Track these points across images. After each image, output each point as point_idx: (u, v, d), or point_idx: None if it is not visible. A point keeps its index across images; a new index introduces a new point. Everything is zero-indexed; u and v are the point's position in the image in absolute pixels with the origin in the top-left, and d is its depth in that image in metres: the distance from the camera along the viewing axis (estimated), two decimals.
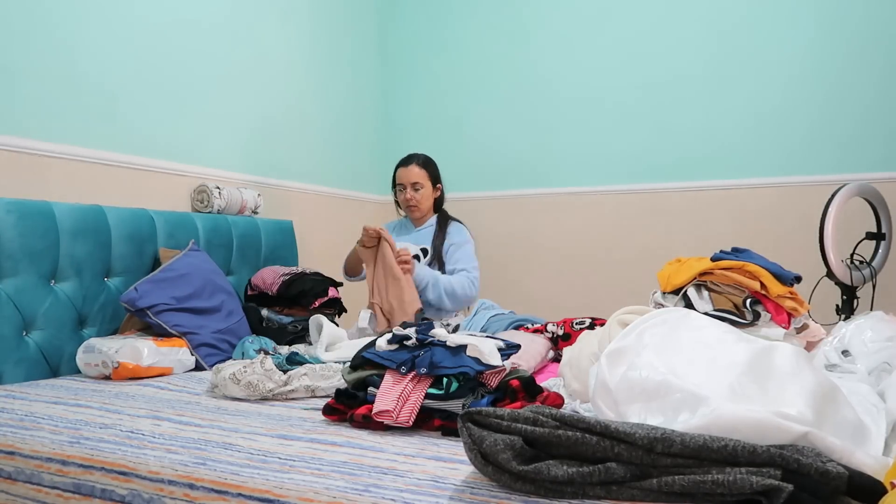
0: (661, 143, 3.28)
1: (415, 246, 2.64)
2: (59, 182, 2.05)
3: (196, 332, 2.02)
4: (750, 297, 1.58)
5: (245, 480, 1.04)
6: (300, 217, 3.14)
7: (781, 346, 1.07)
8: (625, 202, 3.37)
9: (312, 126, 3.32)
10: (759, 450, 0.82)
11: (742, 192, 3.14)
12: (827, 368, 1.37)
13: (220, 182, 2.65)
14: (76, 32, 2.11)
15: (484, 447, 0.91)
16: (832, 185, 2.50)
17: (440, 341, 1.37)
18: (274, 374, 1.56)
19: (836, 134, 2.98)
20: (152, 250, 2.22)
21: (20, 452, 1.25)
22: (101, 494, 1.14)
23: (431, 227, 2.71)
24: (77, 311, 1.97)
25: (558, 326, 1.93)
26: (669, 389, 0.98)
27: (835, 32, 2.97)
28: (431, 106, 3.81)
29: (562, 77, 3.48)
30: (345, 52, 3.60)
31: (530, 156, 3.55)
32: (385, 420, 1.25)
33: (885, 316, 1.53)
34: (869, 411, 1.07)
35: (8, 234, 1.78)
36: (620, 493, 0.87)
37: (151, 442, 1.22)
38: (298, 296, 2.43)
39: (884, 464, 0.87)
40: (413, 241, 2.67)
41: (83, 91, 2.14)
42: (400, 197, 2.70)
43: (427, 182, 2.68)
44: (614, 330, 1.38)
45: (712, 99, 3.18)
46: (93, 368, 1.81)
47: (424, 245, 2.65)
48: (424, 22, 3.82)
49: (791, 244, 2.92)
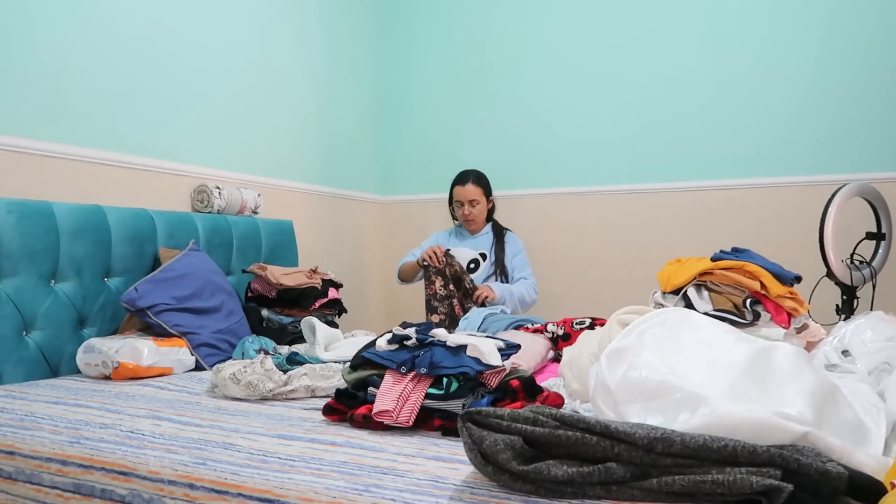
0: (661, 143, 3.28)
1: (473, 251, 3.01)
2: (59, 182, 2.05)
3: (196, 332, 2.02)
4: (750, 297, 1.58)
5: (245, 480, 1.04)
6: (300, 217, 3.14)
7: (781, 346, 1.07)
8: (625, 202, 3.36)
9: (312, 126, 3.32)
10: (759, 450, 0.82)
11: (742, 192, 3.14)
12: (827, 368, 1.36)
13: (220, 182, 2.65)
14: (76, 32, 2.11)
15: (484, 447, 0.91)
16: (832, 185, 2.50)
17: (440, 341, 1.37)
18: (274, 374, 1.56)
19: (837, 134, 2.98)
20: (152, 250, 2.22)
21: (20, 452, 1.25)
22: (101, 494, 1.14)
23: (486, 235, 3.07)
24: (77, 311, 1.97)
25: (558, 326, 1.93)
26: (669, 389, 0.98)
27: (835, 33, 2.97)
28: (431, 106, 3.80)
29: (562, 77, 3.48)
30: (345, 52, 3.60)
31: (530, 156, 3.55)
32: (385, 420, 1.25)
33: (885, 316, 1.53)
34: (869, 411, 1.07)
35: (8, 234, 1.78)
36: (620, 493, 0.87)
37: (151, 442, 1.22)
38: (299, 296, 2.43)
39: (884, 464, 0.87)
40: (471, 247, 3.03)
41: (83, 91, 2.14)
42: (458, 212, 3.06)
43: (482, 198, 3.02)
44: (614, 330, 1.38)
45: (712, 99, 3.18)
46: (93, 368, 1.81)
47: (483, 250, 3.02)
48: (424, 22, 3.82)
49: (791, 244, 2.92)
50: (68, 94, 2.09)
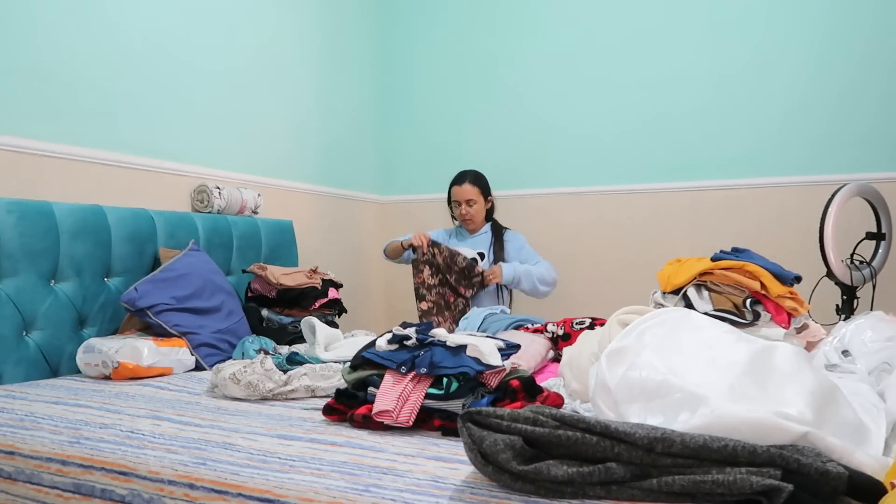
0: (661, 143, 3.28)
1: (472, 250, 2.98)
2: (59, 182, 2.05)
3: (196, 332, 2.02)
4: (750, 297, 1.58)
5: (245, 480, 1.04)
6: (300, 217, 3.14)
7: (781, 346, 1.07)
8: (625, 202, 3.36)
9: (312, 126, 3.32)
10: (759, 450, 0.82)
11: (742, 192, 3.14)
12: (827, 368, 1.36)
13: (220, 182, 2.65)
14: (76, 32, 2.11)
15: (484, 447, 0.91)
16: (832, 185, 2.50)
17: (440, 341, 1.37)
18: (274, 374, 1.56)
19: (837, 134, 2.98)
20: (152, 250, 2.22)
21: (20, 452, 1.25)
22: (101, 494, 1.15)
23: (485, 234, 3.06)
24: (77, 311, 1.97)
25: (558, 326, 1.93)
26: (669, 389, 0.98)
27: (836, 33, 2.97)
28: (431, 106, 3.80)
29: (562, 77, 3.48)
30: (345, 52, 3.60)
31: (530, 155, 3.55)
32: (385, 420, 1.25)
33: (885, 316, 1.53)
34: (869, 411, 1.07)
35: (8, 234, 1.78)
36: (620, 493, 0.87)
37: (151, 442, 1.22)
38: (299, 296, 2.43)
39: (884, 464, 0.87)
40: (470, 247, 3.01)
41: (83, 91, 2.14)
42: (456, 212, 3.05)
43: (479, 197, 3.00)
44: (614, 330, 1.38)
45: (713, 99, 3.18)
46: (93, 368, 1.81)
47: (481, 250, 2.99)
48: (424, 22, 3.81)
49: (791, 244, 2.92)
50: (68, 94, 2.09)
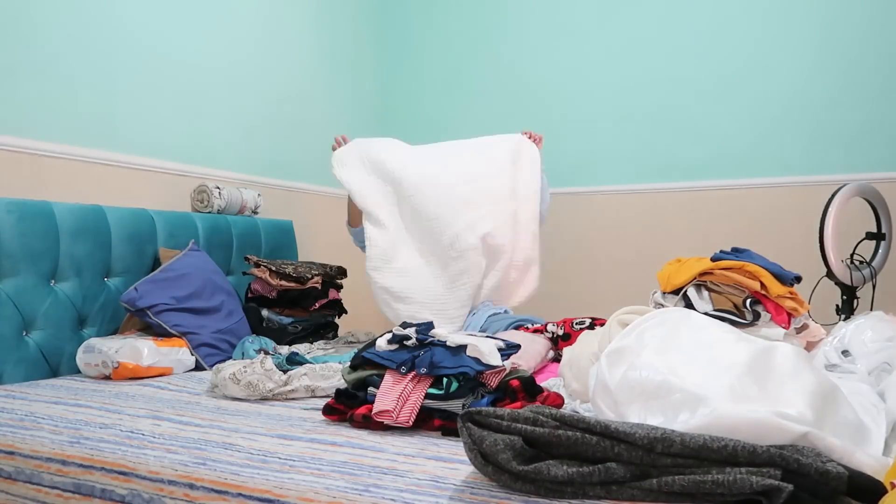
0: (661, 143, 3.28)
1: None
2: (59, 182, 2.05)
3: (196, 332, 2.02)
4: (750, 297, 1.58)
5: (245, 480, 1.04)
6: (300, 217, 3.14)
7: (781, 346, 1.07)
8: (625, 202, 3.36)
9: (312, 125, 3.32)
10: (759, 450, 0.82)
11: (742, 192, 3.14)
12: (827, 368, 1.36)
13: (220, 182, 2.65)
14: (76, 32, 2.11)
15: (484, 447, 0.91)
16: (832, 185, 2.49)
17: (440, 341, 1.37)
18: (274, 374, 1.56)
19: (837, 134, 2.98)
20: (152, 250, 2.22)
21: (20, 452, 1.25)
22: (101, 494, 1.15)
23: None
24: (77, 311, 1.97)
25: (558, 326, 1.93)
26: (669, 389, 0.98)
27: (836, 33, 2.97)
28: (431, 106, 3.80)
29: (562, 77, 3.48)
30: (345, 52, 3.60)
31: None
32: (385, 420, 1.25)
33: (885, 316, 1.53)
34: (869, 411, 1.07)
35: (8, 234, 1.78)
36: (620, 493, 0.87)
37: (151, 442, 1.22)
38: (299, 297, 2.43)
39: (884, 464, 0.87)
40: None
41: (83, 91, 2.14)
42: None
43: None
44: (614, 330, 1.38)
45: (713, 99, 3.17)
46: (93, 368, 1.81)
47: None
48: (425, 21, 3.81)
49: (791, 244, 2.92)
50: (68, 94, 2.09)
